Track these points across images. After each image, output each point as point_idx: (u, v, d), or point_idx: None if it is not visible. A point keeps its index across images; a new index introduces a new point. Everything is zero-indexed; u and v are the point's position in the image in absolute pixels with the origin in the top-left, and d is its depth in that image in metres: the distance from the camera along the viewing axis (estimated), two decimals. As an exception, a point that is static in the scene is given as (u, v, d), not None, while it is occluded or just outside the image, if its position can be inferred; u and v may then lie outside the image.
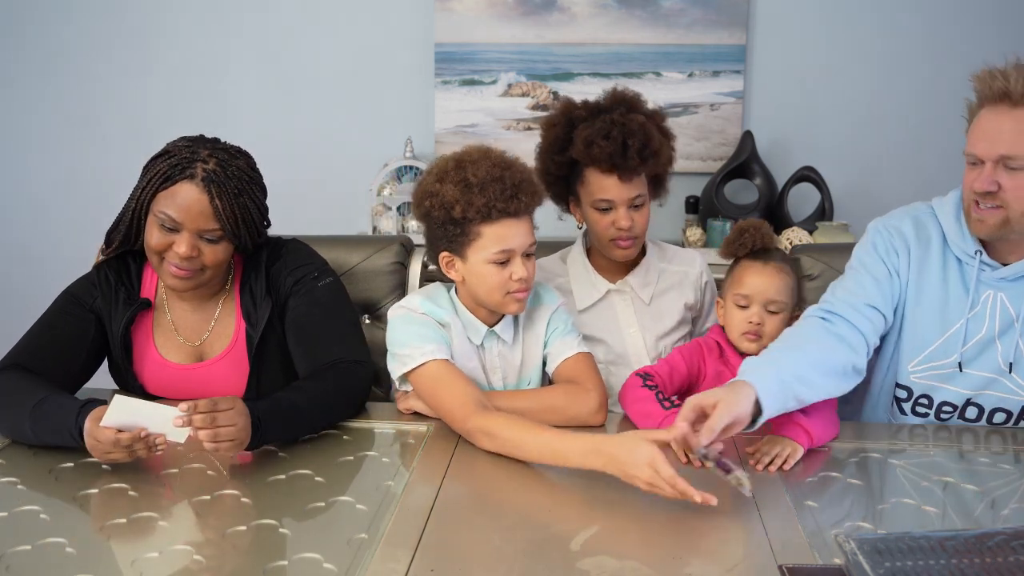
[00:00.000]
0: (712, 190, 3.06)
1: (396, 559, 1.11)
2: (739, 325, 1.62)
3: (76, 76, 3.30)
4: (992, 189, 1.46)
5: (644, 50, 3.16)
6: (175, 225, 1.53)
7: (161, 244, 1.55)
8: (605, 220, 1.78)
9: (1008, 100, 1.44)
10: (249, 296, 1.67)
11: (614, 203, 1.76)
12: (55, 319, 1.64)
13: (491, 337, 1.63)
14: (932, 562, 0.94)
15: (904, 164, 3.09)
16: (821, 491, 1.33)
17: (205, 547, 1.14)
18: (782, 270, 1.63)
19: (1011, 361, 1.55)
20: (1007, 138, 1.44)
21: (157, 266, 1.59)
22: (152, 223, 1.56)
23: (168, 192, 1.53)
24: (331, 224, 1.90)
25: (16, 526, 1.20)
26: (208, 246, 1.56)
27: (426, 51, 3.21)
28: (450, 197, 1.50)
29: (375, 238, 2.09)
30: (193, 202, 1.53)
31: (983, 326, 1.56)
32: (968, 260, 1.57)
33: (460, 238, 1.53)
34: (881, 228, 1.66)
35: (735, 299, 1.63)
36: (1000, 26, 3.03)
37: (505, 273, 1.53)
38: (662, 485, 1.24)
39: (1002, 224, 1.48)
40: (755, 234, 1.65)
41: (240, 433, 1.33)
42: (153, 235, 1.55)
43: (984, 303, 1.56)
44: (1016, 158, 1.44)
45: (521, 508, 1.29)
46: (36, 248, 3.41)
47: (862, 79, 3.12)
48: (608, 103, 1.80)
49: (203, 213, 1.53)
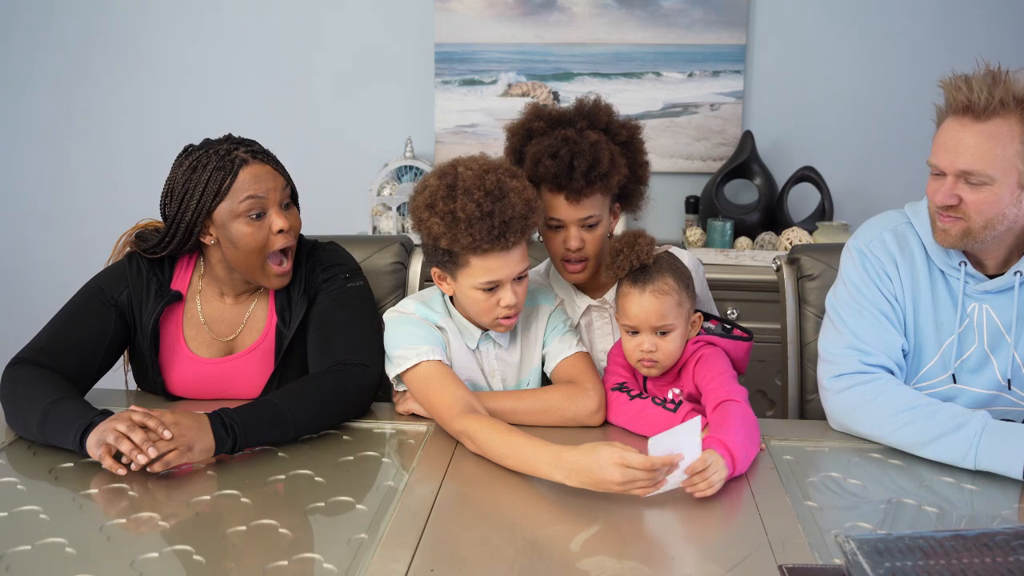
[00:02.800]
0: (712, 190, 3.06)
1: (396, 559, 1.11)
2: (632, 352, 1.56)
3: (76, 76, 3.30)
4: (952, 203, 1.44)
5: (644, 50, 3.16)
6: (262, 206, 1.57)
7: (259, 237, 1.57)
8: (557, 239, 1.68)
9: (971, 113, 1.40)
10: (285, 294, 1.68)
11: (564, 222, 1.66)
12: (77, 314, 1.64)
13: (486, 340, 1.63)
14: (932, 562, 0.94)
15: (904, 164, 3.09)
16: (821, 491, 1.33)
17: (205, 547, 1.14)
18: (662, 290, 1.52)
19: (1009, 377, 1.52)
20: (968, 154, 1.40)
21: (259, 272, 1.61)
22: (239, 228, 1.57)
23: (236, 185, 1.56)
24: (331, 224, 1.90)
25: (16, 526, 1.20)
26: (290, 213, 1.62)
27: (426, 51, 3.21)
28: (436, 231, 1.48)
29: (375, 238, 2.09)
30: (264, 175, 1.58)
31: (974, 340, 1.53)
32: (952, 272, 1.54)
33: (449, 264, 1.53)
34: (865, 251, 1.60)
35: (623, 327, 1.57)
36: (1000, 26, 3.03)
37: (493, 299, 1.52)
38: (637, 475, 1.23)
39: (964, 235, 1.45)
40: (630, 254, 1.53)
41: (182, 440, 1.34)
42: (246, 236, 1.57)
43: (971, 316, 1.53)
44: (976, 174, 1.40)
45: (521, 508, 1.29)
46: (35, 248, 3.41)
47: (862, 79, 3.12)
48: (571, 115, 1.73)
49: (276, 180, 1.60)
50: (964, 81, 1.41)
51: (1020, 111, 1.38)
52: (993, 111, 1.38)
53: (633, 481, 1.24)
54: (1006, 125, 1.38)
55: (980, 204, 1.42)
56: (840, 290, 1.63)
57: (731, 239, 2.97)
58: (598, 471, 1.25)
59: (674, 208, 3.15)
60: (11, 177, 3.38)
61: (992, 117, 1.39)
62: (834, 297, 1.64)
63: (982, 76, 1.40)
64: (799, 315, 1.93)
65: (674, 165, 3.16)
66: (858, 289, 1.59)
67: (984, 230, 1.44)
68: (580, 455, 1.28)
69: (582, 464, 1.27)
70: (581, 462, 1.27)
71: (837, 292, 1.64)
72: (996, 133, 1.38)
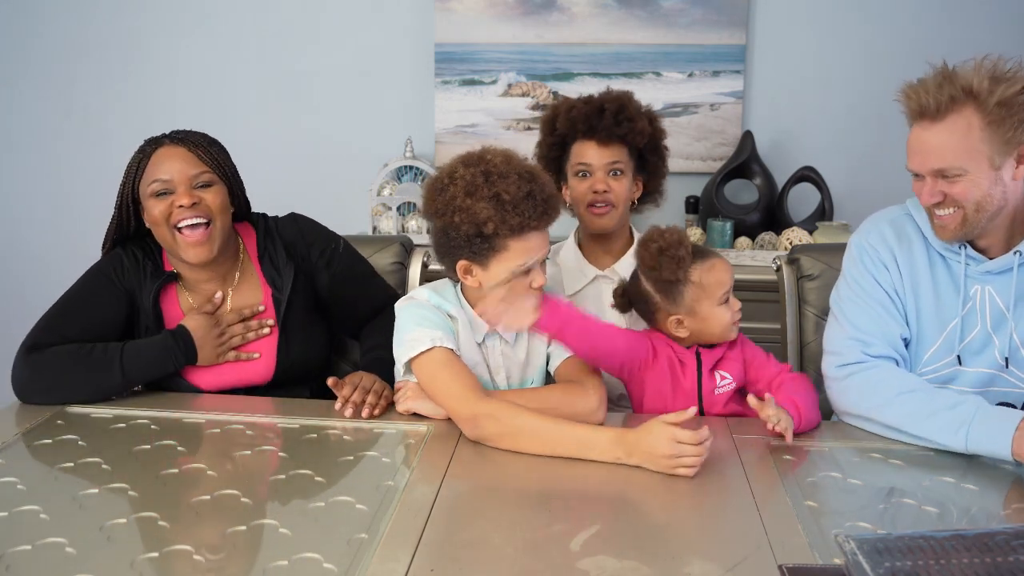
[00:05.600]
0: (712, 190, 3.06)
1: (396, 559, 1.11)
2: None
3: (75, 76, 3.30)
4: (938, 199, 1.50)
5: (644, 50, 3.16)
6: (168, 186, 1.64)
7: (164, 210, 1.64)
8: (583, 186, 1.86)
9: (927, 116, 1.46)
10: (270, 264, 1.77)
11: (592, 167, 1.85)
12: (88, 299, 1.69)
13: (493, 336, 1.63)
14: (932, 562, 0.94)
15: (904, 164, 3.09)
16: (821, 491, 1.33)
17: (205, 547, 1.14)
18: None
19: (1006, 356, 1.55)
20: (935, 153, 1.46)
21: (172, 245, 1.67)
22: (149, 205, 1.65)
23: (150, 165, 1.65)
24: (331, 224, 1.90)
25: (16, 526, 1.20)
26: (206, 192, 1.66)
27: (426, 51, 3.21)
28: (483, 215, 1.48)
29: (375, 238, 2.09)
30: (174, 157, 1.65)
31: (977, 321, 1.56)
32: (952, 256, 1.58)
33: (485, 251, 1.52)
34: (864, 244, 1.65)
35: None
36: (1000, 26, 3.03)
37: (525, 282, 1.54)
38: (686, 449, 1.34)
39: (962, 224, 1.50)
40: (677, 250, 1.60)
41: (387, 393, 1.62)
42: (155, 209, 1.64)
43: (974, 298, 1.57)
44: (949, 169, 1.46)
45: (521, 508, 1.29)
46: (33, 248, 3.41)
47: (862, 79, 3.12)
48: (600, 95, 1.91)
49: (186, 161, 1.66)
50: (914, 89, 1.48)
51: (972, 101, 1.43)
52: (946, 109, 1.44)
53: (681, 456, 1.34)
54: (962, 119, 1.44)
55: (964, 193, 1.47)
56: (841, 286, 1.68)
57: (731, 239, 2.97)
58: (653, 444, 1.35)
59: (674, 208, 3.15)
60: (9, 177, 3.38)
61: (947, 115, 1.44)
62: (836, 293, 1.69)
63: (931, 77, 1.47)
64: (799, 315, 1.93)
65: (674, 165, 3.12)
66: (857, 283, 1.63)
67: (977, 213, 1.48)
68: (639, 433, 1.38)
69: (641, 440, 1.37)
70: (641, 438, 1.37)
71: (839, 288, 1.68)
72: (954, 128, 1.44)
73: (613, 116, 1.83)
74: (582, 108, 1.84)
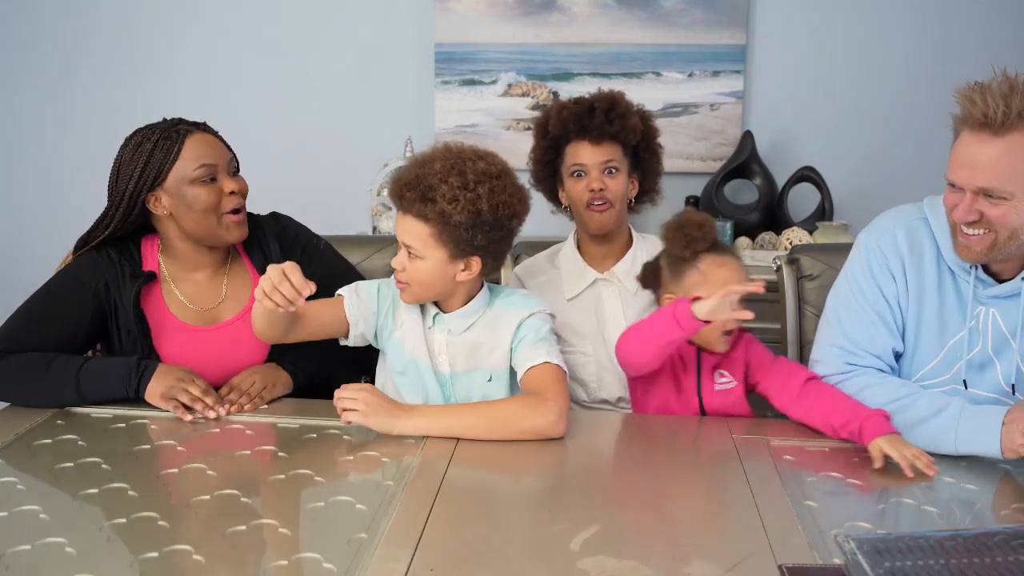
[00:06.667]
0: (712, 190, 3.06)
1: (396, 559, 1.11)
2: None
3: (75, 76, 3.30)
4: (974, 219, 1.40)
5: (644, 50, 3.16)
6: (213, 171, 1.67)
7: (211, 198, 1.66)
8: (580, 186, 1.86)
9: (988, 128, 1.33)
10: (262, 257, 1.77)
11: (586, 166, 1.85)
12: (52, 305, 1.67)
13: (441, 322, 1.62)
14: (932, 562, 0.94)
15: (904, 164, 3.09)
16: (821, 491, 1.33)
17: (205, 547, 1.14)
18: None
19: (1013, 383, 1.51)
20: (986, 171, 1.35)
21: (213, 228, 1.68)
22: (193, 192, 1.65)
23: (185, 153, 1.65)
24: (331, 224, 1.90)
25: (16, 526, 1.20)
26: (239, 178, 1.72)
27: (426, 51, 3.21)
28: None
29: (375, 238, 2.09)
30: (209, 143, 1.69)
31: (979, 342, 1.52)
32: (962, 274, 1.52)
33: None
34: (874, 247, 1.58)
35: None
36: (1000, 25, 3.03)
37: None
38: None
39: (990, 248, 1.41)
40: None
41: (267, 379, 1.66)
42: (200, 198, 1.66)
43: (978, 318, 1.51)
44: (996, 190, 1.35)
45: (521, 508, 1.29)
46: (32, 248, 3.41)
47: (862, 79, 3.12)
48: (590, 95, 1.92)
49: (222, 147, 1.71)
50: (979, 93, 1.34)
51: None
52: (1011, 124, 1.32)
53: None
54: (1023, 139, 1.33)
55: (1003, 217, 1.37)
56: (841, 284, 1.62)
57: (731, 239, 2.97)
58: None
59: (674, 208, 3.13)
60: (8, 177, 3.38)
61: (1010, 131, 1.33)
62: (835, 290, 1.63)
63: (997, 85, 1.34)
64: (799, 315, 1.93)
65: (674, 165, 3.16)
66: (859, 286, 1.58)
67: (1010, 240, 1.39)
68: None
69: None
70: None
71: (838, 286, 1.63)
72: (1014, 147, 1.33)
73: (604, 114, 1.83)
74: (573, 109, 1.85)
